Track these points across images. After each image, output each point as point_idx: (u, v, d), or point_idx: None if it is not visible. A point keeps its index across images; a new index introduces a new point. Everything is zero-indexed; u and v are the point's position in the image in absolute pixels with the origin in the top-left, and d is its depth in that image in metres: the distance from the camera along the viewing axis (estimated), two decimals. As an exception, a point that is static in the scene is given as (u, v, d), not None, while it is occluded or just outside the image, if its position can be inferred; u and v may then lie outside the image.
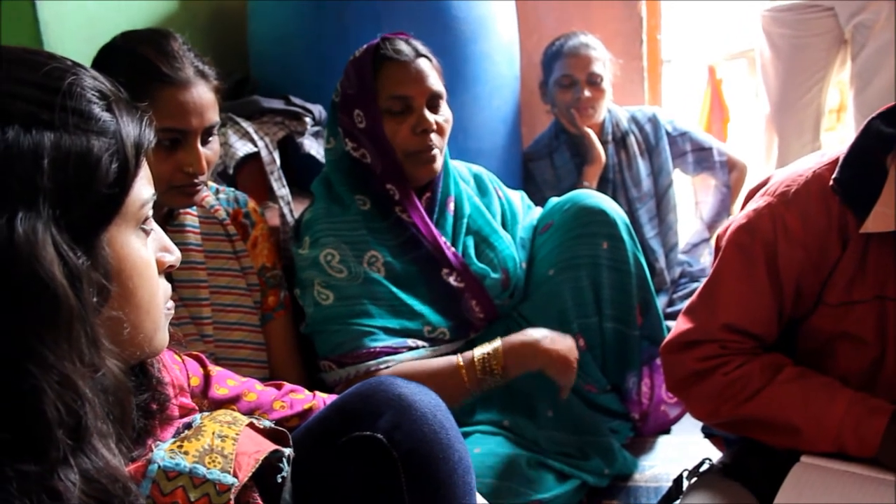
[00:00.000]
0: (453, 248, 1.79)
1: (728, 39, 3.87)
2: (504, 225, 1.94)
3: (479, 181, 1.98)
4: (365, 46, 1.77)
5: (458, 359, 1.64)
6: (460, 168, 1.96)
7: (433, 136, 1.72)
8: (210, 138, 1.51)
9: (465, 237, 1.84)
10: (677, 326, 1.39)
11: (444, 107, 1.77)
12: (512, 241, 1.89)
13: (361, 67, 1.74)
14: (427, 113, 1.72)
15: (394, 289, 1.72)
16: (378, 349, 1.66)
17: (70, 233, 0.72)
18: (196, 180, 1.48)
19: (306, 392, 1.24)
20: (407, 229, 1.75)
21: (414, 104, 1.71)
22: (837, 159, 1.27)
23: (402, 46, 1.74)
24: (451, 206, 1.84)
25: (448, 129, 1.77)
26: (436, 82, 1.74)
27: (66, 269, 0.70)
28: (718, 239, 1.42)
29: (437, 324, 1.75)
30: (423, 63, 1.74)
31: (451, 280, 1.77)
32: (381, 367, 1.64)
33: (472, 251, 1.83)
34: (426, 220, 1.77)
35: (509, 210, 1.97)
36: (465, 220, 1.85)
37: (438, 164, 1.76)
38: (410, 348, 1.70)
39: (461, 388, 1.62)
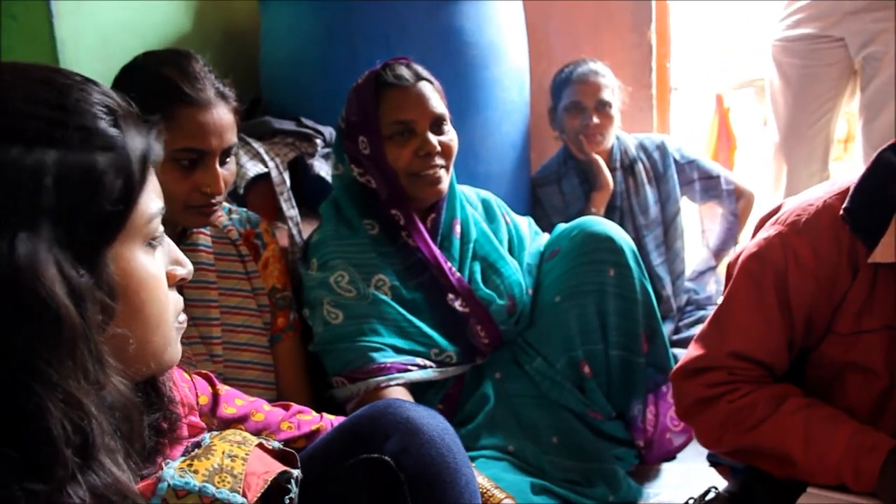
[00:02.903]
0: (458, 273, 1.80)
1: (736, 69, 3.90)
2: (511, 251, 1.94)
3: (486, 206, 1.98)
4: (366, 73, 1.78)
5: None
6: (468, 193, 1.97)
7: (437, 158, 1.73)
8: (227, 159, 1.53)
9: (472, 262, 1.84)
10: (688, 353, 1.39)
11: (448, 128, 1.78)
12: (519, 267, 1.89)
13: (363, 95, 1.75)
14: (430, 136, 1.73)
15: (402, 310, 1.72)
16: (388, 364, 1.65)
17: (73, 251, 0.71)
18: (213, 200, 1.50)
19: (314, 413, 1.24)
20: (413, 254, 1.75)
21: (416, 128, 1.72)
22: (848, 189, 1.28)
23: (403, 71, 1.75)
24: (458, 228, 1.85)
25: (454, 149, 1.78)
26: (438, 104, 1.75)
27: (69, 289, 0.69)
28: (729, 267, 1.43)
29: (445, 348, 1.75)
30: (424, 86, 1.75)
31: (457, 305, 1.77)
32: (391, 383, 1.64)
33: (478, 276, 1.83)
34: (430, 244, 1.78)
35: (516, 236, 1.97)
36: (471, 245, 1.85)
37: (444, 185, 1.77)
38: (420, 367, 1.70)
39: None
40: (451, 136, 1.77)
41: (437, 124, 1.75)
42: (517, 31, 2.49)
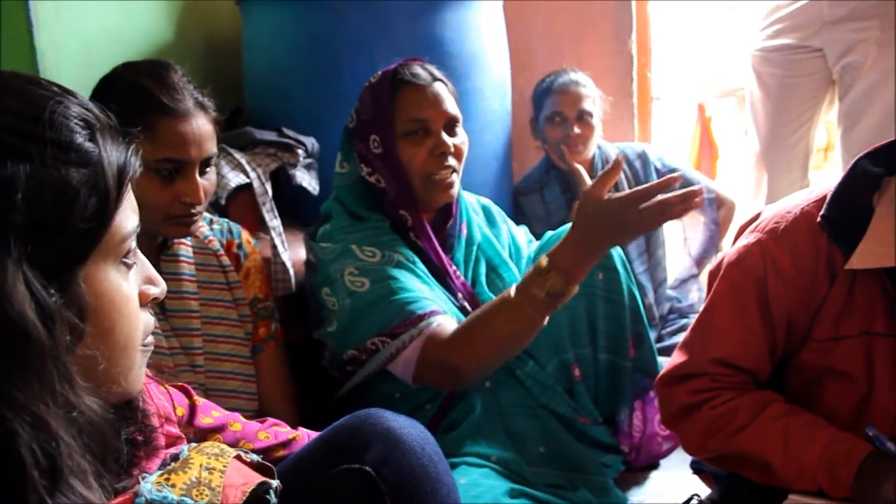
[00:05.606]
0: (462, 278, 1.81)
1: (717, 78, 3.93)
2: (510, 257, 1.95)
3: (487, 213, 2.01)
4: (381, 72, 1.78)
5: (511, 292, 1.56)
6: (469, 198, 1.98)
7: (450, 158, 1.74)
8: (207, 169, 1.53)
9: (477, 265, 1.86)
10: (671, 360, 1.40)
11: (460, 130, 1.79)
12: (519, 274, 1.90)
13: (378, 92, 1.75)
14: (444, 136, 1.73)
15: (429, 276, 1.72)
16: (427, 313, 1.63)
17: (43, 269, 0.69)
18: (193, 210, 1.49)
19: (289, 427, 1.23)
20: (421, 253, 1.76)
21: (431, 127, 1.73)
22: (825, 196, 1.29)
23: (419, 70, 1.76)
24: (465, 230, 1.87)
25: (465, 152, 1.79)
26: (452, 106, 1.76)
27: (38, 308, 0.67)
28: (710, 274, 1.43)
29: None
30: (439, 87, 1.76)
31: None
32: (433, 324, 1.61)
33: (482, 279, 1.85)
34: (436, 247, 1.78)
35: (514, 245, 2.00)
36: (475, 247, 1.87)
37: (455, 190, 1.77)
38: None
39: (529, 321, 1.55)
40: (463, 138, 1.79)
41: (450, 126, 1.76)
42: (498, 41, 2.50)
